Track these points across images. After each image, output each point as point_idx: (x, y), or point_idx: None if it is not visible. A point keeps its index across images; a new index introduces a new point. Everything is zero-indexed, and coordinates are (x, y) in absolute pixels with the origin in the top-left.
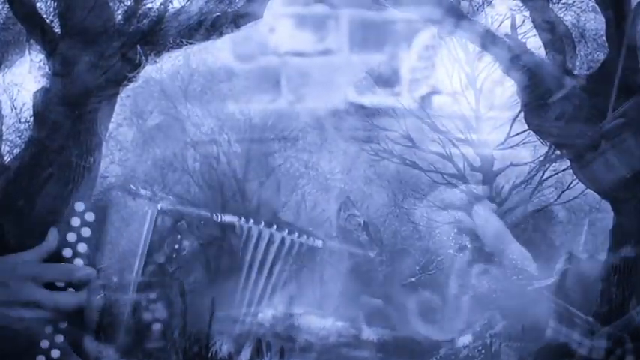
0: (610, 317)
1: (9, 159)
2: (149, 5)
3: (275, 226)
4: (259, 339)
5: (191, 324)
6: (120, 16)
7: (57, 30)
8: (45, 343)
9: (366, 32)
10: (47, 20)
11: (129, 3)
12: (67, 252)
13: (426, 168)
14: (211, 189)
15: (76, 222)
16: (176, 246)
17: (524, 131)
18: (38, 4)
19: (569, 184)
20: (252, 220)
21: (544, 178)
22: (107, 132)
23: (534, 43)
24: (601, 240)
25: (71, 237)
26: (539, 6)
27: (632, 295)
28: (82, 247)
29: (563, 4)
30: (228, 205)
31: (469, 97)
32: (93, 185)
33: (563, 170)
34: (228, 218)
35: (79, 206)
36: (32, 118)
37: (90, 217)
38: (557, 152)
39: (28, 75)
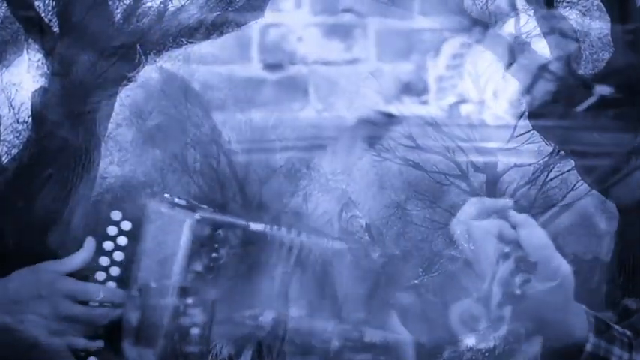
0: (615, 320)
1: (7, 160)
2: (149, 4)
3: (304, 234)
4: (260, 342)
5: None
6: (119, 15)
7: (55, 29)
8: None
9: (394, 41)
10: (46, 19)
11: (128, 2)
12: (104, 260)
13: (429, 169)
14: (211, 190)
15: (112, 230)
16: (213, 254)
17: (529, 131)
18: (36, 3)
19: (574, 185)
20: (283, 228)
21: (548, 178)
22: (106, 132)
23: (539, 42)
24: (606, 241)
25: (108, 245)
26: (544, 6)
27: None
28: (118, 256)
29: (568, 2)
30: (229, 206)
31: (473, 97)
32: (92, 186)
33: (568, 171)
34: (260, 226)
35: (116, 215)
36: (30, 119)
37: (126, 225)
38: (562, 153)
39: (27, 74)
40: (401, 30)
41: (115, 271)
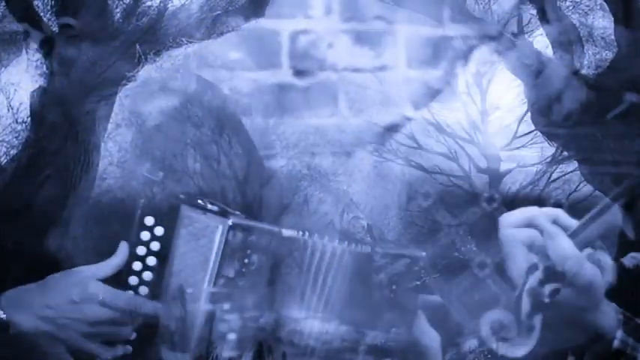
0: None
1: (5, 160)
2: (148, 3)
3: (336, 240)
4: (260, 343)
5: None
6: (118, 15)
7: (54, 29)
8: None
9: (423, 48)
10: (44, 19)
11: (128, 1)
12: (137, 265)
13: (432, 169)
14: (212, 191)
15: (145, 236)
16: (246, 260)
17: (531, 132)
18: (35, 2)
19: (577, 186)
20: (316, 235)
21: (551, 179)
22: (106, 132)
23: (541, 41)
24: (609, 244)
25: (140, 250)
26: (547, 4)
27: None
28: (151, 261)
29: (571, 1)
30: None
31: (475, 96)
32: (91, 187)
33: (571, 172)
34: (293, 233)
35: (149, 220)
36: (29, 119)
37: (159, 231)
38: (565, 153)
39: (25, 74)
40: (431, 37)
41: (147, 275)
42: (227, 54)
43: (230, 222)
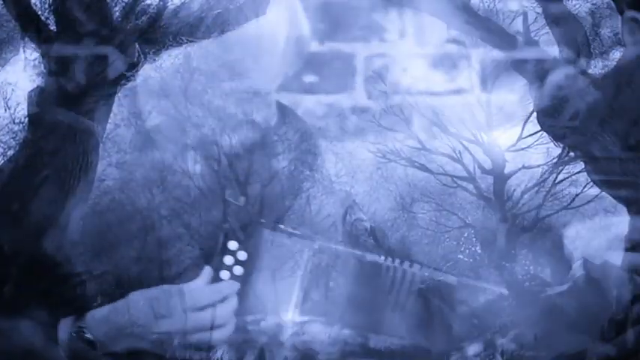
0: (626, 324)
1: (2, 161)
2: (148, 1)
3: (419, 266)
4: (262, 348)
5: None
6: (117, 13)
7: (52, 27)
8: None
9: (498, 71)
10: (42, 17)
11: None
12: None
13: (435, 170)
14: (212, 192)
15: (229, 260)
16: (331, 284)
17: (537, 132)
18: (33, 0)
19: (583, 188)
20: (397, 260)
21: (557, 180)
22: (104, 133)
23: (547, 40)
24: (616, 245)
25: (224, 275)
26: (553, 1)
27: None
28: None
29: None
30: (230, 209)
31: (480, 96)
32: (90, 189)
33: (577, 173)
34: (376, 257)
35: (233, 244)
36: (26, 119)
37: (242, 255)
38: (571, 154)
39: (23, 74)
40: (505, 60)
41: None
42: (302, 77)
43: (316, 245)
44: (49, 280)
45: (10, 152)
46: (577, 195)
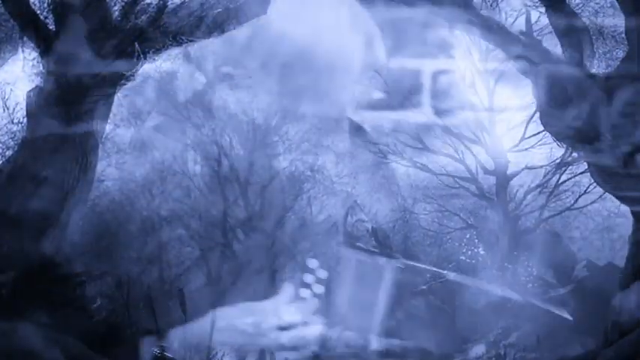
0: (630, 326)
1: (1, 161)
2: (148, 1)
3: (505, 288)
4: (263, 350)
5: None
6: (117, 13)
7: (51, 27)
8: None
9: (564, 87)
10: (41, 17)
11: None
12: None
13: (438, 171)
14: (212, 193)
15: (309, 279)
16: (413, 302)
17: (540, 132)
18: (32, 0)
19: (587, 188)
20: (484, 280)
21: (560, 181)
22: (104, 133)
23: (551, 40)
24: (619, 246)
25: (304, 293)
26: (556, 1)
27: None
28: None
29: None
30: (230, 210)
31: (482, 96)
32: (89, 189)
33: (581, 173)
34: (459, 277)
35: (312, 263)
36: (25, 119)
37: (322, 274)
38: (574, 154)
39: (22, 74)
40: (571, 76)
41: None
42: (370, 94)
43: (399, 264)
44: (49, 281)
45: (9, 152)
46: (580, 195)
